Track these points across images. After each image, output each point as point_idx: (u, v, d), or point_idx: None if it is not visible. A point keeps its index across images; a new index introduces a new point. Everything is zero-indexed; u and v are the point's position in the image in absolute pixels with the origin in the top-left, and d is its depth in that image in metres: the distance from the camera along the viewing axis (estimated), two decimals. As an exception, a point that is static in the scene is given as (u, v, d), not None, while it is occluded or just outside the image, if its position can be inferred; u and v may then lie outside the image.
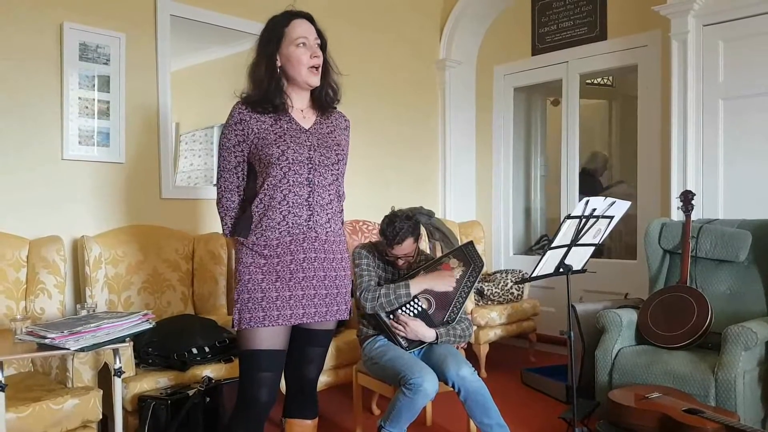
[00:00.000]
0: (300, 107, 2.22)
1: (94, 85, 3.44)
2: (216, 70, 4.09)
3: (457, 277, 2.98)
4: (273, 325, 2.10)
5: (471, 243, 3.02)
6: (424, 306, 2.96)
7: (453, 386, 2.75)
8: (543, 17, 5.22)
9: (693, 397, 2.83)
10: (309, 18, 2.21)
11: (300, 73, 2.16)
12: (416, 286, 2.91)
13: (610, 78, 6.07)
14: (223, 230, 2.30)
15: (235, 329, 2.14)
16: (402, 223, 2.90)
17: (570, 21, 5.02)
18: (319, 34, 2.22)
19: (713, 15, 3.87)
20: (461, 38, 5.54)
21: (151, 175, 3.71)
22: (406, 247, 2.93)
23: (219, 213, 2.29)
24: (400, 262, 2.99)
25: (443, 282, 2.94)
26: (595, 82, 6.01)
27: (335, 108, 2.33)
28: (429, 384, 2.62)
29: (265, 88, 2.14)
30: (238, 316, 2.11)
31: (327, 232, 2.19)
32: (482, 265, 2.99)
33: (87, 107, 3.42)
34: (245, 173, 2.23)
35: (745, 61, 3.80)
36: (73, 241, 3.33)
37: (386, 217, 2.98)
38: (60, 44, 3.32)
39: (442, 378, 2.75)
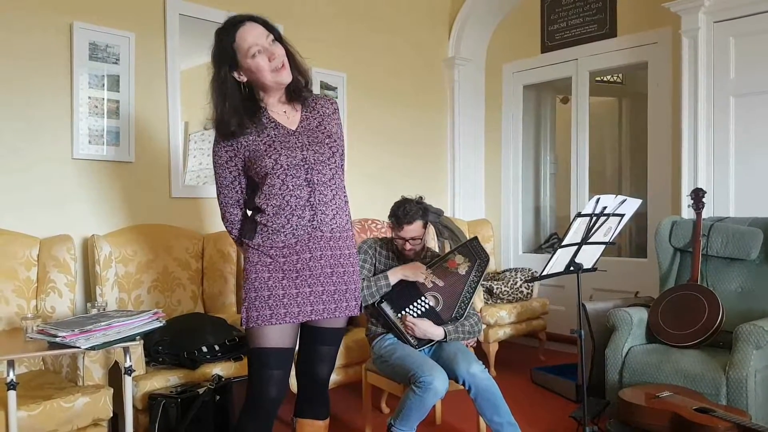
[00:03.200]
0: (281, 109, 2.18)
1: (103, 85, 3.45)
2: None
3: (462, 273, 2.98)
4: (280, 323, 2.09)
5: (476, 238, 3.03)
6: (431, 303, 2.97)
7: (463, 384, 2.75)
8: (552, 15, 5.19)
9: (704, 396, 2.81)
10: (253, 19, 2.10)
11: (267, 79, 2.09)
12: (394, 276, 2.94)
13: (620, 75, 6.03)
14: (234, 241, 2.33)
15: (244, 327, 2.14)
16: (412, 206, 2.96)
17: (579, 18, 5.00)
18: (270, 28, 2.11)
19: (724, 11, 3.84)
20: (470, 36, 5.53)
21: (161, 174, 3.72)
22: (415, 228, 2.96)
23: (225, 227, 2.30)
24: (408, 246, 2.99)
25: (415, 271, 2.97)
26: (605, 79, 5.98)
27: (311, 93, 2.26)
28: (439, 382, 2.61)
29: (236, 116, 2.08)
30: (246, 315, 2.11)
31: (332, 228, 2.16)
32: (488, 260, 3.00)
33: (97, 107, 3.43)
34: (243, 186, 2.21)
35: (757, 58, 3.77)
36: (84, 240, 3.34)
37: (396, 201, 3.02)
38: (70, 44, 3.33)
39: (453, 375, 2.75)
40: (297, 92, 2.19)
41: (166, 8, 3.71)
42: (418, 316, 2.94)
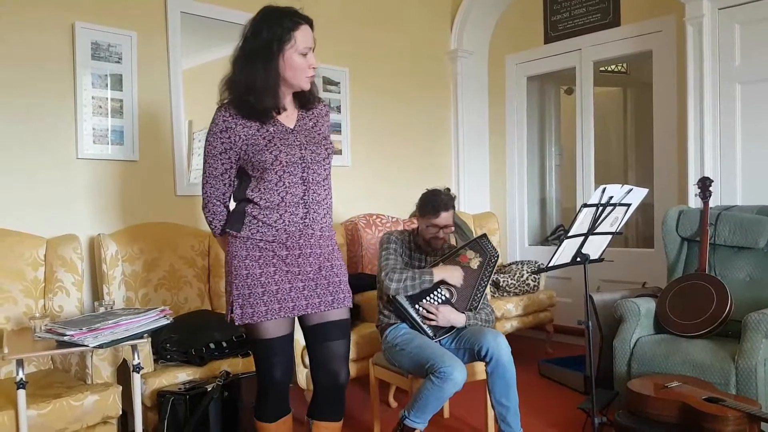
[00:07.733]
0: (284, 106, 2.21)
1: (107, 84, 3.46)
2: (227, 66, 4.08)
3: (474, 268, 3.02)
4: (276, 318, 2.13)
5: (485, 235, 3.09)
6: (447, 295, 3.00)
7: (486, 354, 2.76)
8: (555, 5, 5.17)
9: (713, 385, 2.80)
10: (311, 25, 2.18)
11: (298, 79, 2.15)
12: (438, 274, 2.95)
13: (625, 65, 6.00)
14: (213, 232, 2.31)
15: (237, 323, 2.14)
16: (445, 194, 3.03)
17: (583, 8, 4.97)
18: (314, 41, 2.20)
19: (728, -2, 3.81)
20: (472, 28, 5.51)
21: (166, 172, 3.72)
22: (450, 215, 3.02)
23: (206, 217, 2.28)
24: (441, 234, 3.02)
25: (456, 276, 2.99)
26: (609, 69, 5.94)
27: (318, 101, 2.32)
28: (459, 373, 2.63)
29: (272, 93, 2.11)
30: (240, 312, 2.12)
31: (322, 227, 2.22)
32: (497, 257, 3.04)
33: (100, 106, 3.44)
34: (232, 179, 2.22)
35: (762, 44, 3.74)
36: (90, 239, 3.35)
37: (425, 193, 3.07)
38: (72, 44, 3.33)
39: (477, 350, 2.78)
40: (304, 99, 2.25)
41: (168, 7, 3.70)
42: None
